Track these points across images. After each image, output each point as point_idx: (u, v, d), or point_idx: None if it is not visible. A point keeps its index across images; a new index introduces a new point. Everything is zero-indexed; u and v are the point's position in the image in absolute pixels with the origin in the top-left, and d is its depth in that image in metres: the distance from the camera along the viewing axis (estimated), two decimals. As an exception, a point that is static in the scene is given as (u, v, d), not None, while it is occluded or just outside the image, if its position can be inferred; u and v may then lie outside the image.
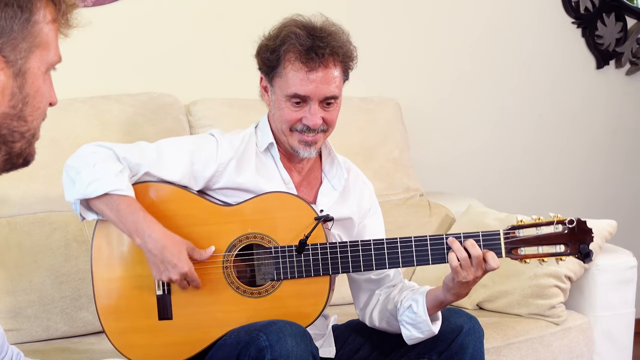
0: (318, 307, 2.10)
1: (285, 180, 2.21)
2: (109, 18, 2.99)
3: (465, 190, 3.57)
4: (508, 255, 2.08)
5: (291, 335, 1.94)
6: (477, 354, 2.15)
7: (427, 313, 2.11)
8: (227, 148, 2.19)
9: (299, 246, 2.08)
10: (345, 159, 2.33)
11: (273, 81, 2.17)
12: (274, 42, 2.14)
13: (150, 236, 2.02)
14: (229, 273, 2.11)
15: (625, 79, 4.01)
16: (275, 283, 2.11)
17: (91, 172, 2.04)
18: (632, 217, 4.02)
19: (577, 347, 2.79)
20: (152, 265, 2.05)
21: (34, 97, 1.22)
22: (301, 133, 2.15)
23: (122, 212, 2.03)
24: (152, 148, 2.17)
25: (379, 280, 2.25)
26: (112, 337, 2.13)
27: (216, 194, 2.20)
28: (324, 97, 2.13)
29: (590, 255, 2.05)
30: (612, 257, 2.88)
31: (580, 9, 3.86)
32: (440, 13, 3.60)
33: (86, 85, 2.88)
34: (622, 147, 4.03)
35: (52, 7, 1.21)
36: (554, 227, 2.06)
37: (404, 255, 2.09)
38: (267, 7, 3.24)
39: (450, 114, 3.66)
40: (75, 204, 2.08)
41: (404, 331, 2.15)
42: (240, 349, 1.99)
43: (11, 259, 2.53)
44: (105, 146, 2.11)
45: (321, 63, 2.11)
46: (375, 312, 2.23)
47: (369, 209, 2.31)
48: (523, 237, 2.07)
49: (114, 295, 2.13)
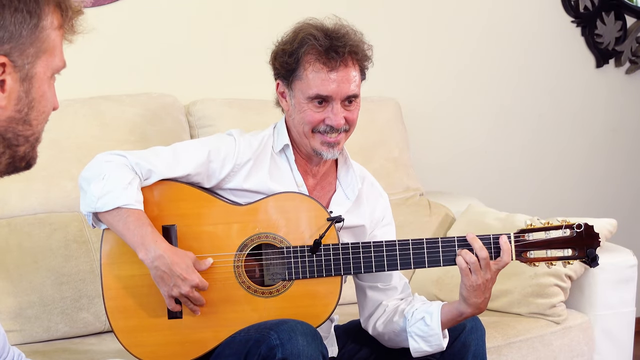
0: (329, 308, 2.11)
1: (298, 182, 2.21)
2: (109, 18, 2.98)
3: (465, 189, 3.57)
4: (518, 258, 2.11)
5: (302, 335, 1.94)
6: (479, 352, 2.16)
7: (440, 326, 2.11)
8: (245, 149, 2.18)
9: (314, 246, 2.08)
10: (361, 168, 2.33)
11: (292, 85, 2.16)
12: (292, 46, 2.14)
13: (156, 252, 2.01)
14: (240, 273, 2.11)
15: (625, 78, 4.01)
16: (286, 283, 2.11)
17: (100, 185, 2.04)
18: (632, 216, 4.02)
19: (578, 346, 2.79)
20: (159, 280, 2.04)
21: (40, 101, 1.24)
22: (323, 134, 2.15)
23: (130, 225, 2.03)
24: (167, 150, 2.17)
25: (385, 291, 2.24)
26: (121, 335, 2.12)
27: (226, 194, 2.20)
28: (345, 96, 2.14)
29: (597, 260, 2.11)
30: (612, 256, 2.88)
31: (580, 8, 3.86)
32: (440, 12, 3.60)
33: (86, 86, 2.88)
34: (622, 146, 4.03)
35: (59, 13, 1.22)
36: (562, 231, 2.11)
37: (416, 256, 2.11)
38: (267, 7, 3.25)
39: (450, 113, 3.66)
40: (88, 216, 2.09)
41: (412, 343, 2.14)
42: (250, 346, 1.99)
43: (11, 260, 2.53)
44: (118, 154, 2.11)
45: (341, 62, 2.12)
46: (379, 322, 2.22)
47: (381, 219, 2.30)
48: (532, 241, 2.11)
49: (123, 294, 2.12)
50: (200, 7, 3.16)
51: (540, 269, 2.75)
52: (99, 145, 2.70)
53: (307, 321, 2.02)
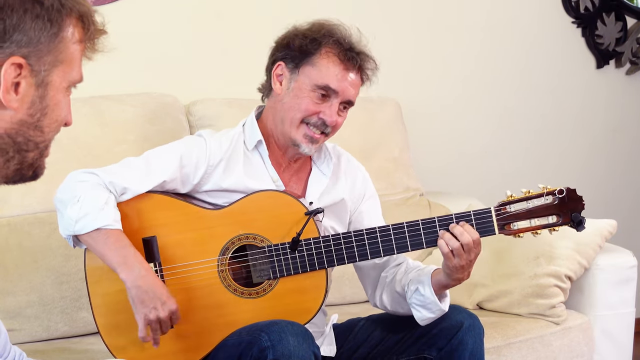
0: (317, 302, 2.11)
1: (274, 178, 2.22)
2: (109, 18, 2.97)
3: (465, 190, 3.57)
4: (501, 232, 2.10)
5: (293, 335, 1.94)
6: (477, 350, 2.16)
7: (434, 294, 2.13)
8: (216, 149, 2.19)
9: (292, 244, 2.08)
10: (334, 145, 2.34)
11: (301, 68, 2.17)
12: (317, 33, 2.17)
13: (140, 272, 2.00)
14: (224, 276, 2.11)
15: (626, 79, 4.01)
16: (272, 282, 2.11)
17: (76, 207, 2.04)
18: (632, 216, 4.02)
19: (577, 346, 2.79)
20: (138, 302, 2.00)
21: (53, 109, 1.26)
22: (309, 127, 2.16)
23: (110, 246, 2.02)
24: (139, 161, 2.16)
25: (383, 263, 2.27)
26: (117, 353, 2.12)
27: (204, 197, 2.19)
28: (347, 99, 2.18)
29: (583, 223, 2.08)
30: (612, 257, 2.88)
31: (580, 8, 3.86)
32: (440, 13, 3.60)
33: (86, 85, 2.87)
34: (622, 146, 4.03)
35: (80, 27, 1.26)
36: (544, 198, 2.09)
37: (398, 241, 2.10)
38: (268, 7, 3.25)
39: (451, 113, 3.66)
40: (68, 238, 2.09)
41: (416, 313, 2.17)
42: (242, 349, 1.99)
43: (11, 259, 2.53)
44: (91, 172, 2.10)
45: (356, 67, 2.18)
46: (384, 296, 2.25)
47: (363, 193, 2.31)
48: (514, 212, 2.09)
49: (113, 310, 2.11)
50: (201, 7, 3.16)
51: (540, 269, 2.75)
52: (99, 145, 2.70)
53: (298, 317, 2.03)
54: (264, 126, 2.23)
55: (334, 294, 2.35)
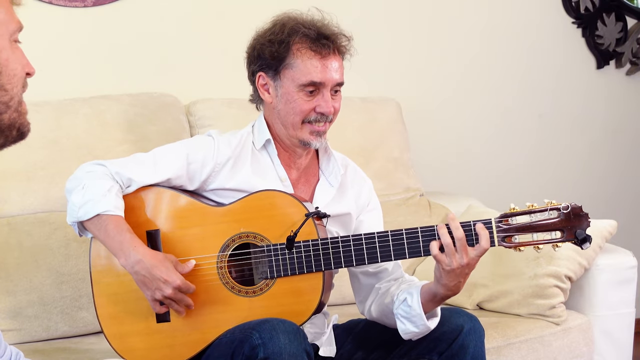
0: (312, 304, 2.10)
1: (282, 177, 2.22)
2: (109, 18, 2.98)
3: (465, 190, 3.57)
4: (501, 244, 2.03)
5: (284, 333, 1.94)
6: (478, 353, 2.15)
7: (421, 307, 2.09)
8: (224, 148, 2.20)
9: (288, 243, 2.07)
10: (343, 157, 2.34)
11: (281, 74, 2.17)
12: (280, 35, 2.16)
13: (135, 257, 2.03)
14: (223, 273, 2.12)
15: (626, 79, 4.01)
16: (269, 281, 2.11)
17: (80, 194, 2.09)
18: (632, 217, 4.02)
19: (577, 347, 2.79)
20: (142, 285, 2.06)
21: (6, 65, 1.26)
22: (312, 124, 2.16)
23: (109, 232, 2.06)
24: (147, 156, 2.20)
25: (377, 274, 2.25)
26: (113, 341, 2.15)
27: (210, 195, 2.21)
28: (336, 84, 2.17)
29: (588, 240, 2.01)
30: (612, 257, 2.88)
31: (581, 9, 3.86)
32: (440, 13, 3.60)
33: (86, 85, 2.88)
34: (622, 147, 4.03)
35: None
36: (548, 213, 2.03)
37: (396, 248, 2.08)
38: (268, 7, 3.24)
39: (451, 113, 3.66)
40: (74, 225, 2.13)
41: (399, 325, 2.13)
42: (235, 347, 1.99)
43: (11, 259, 2.53)
44: (99, 164, 2.15)
45: (331, 51, 2.16)
46: (373, 306, 2.23)
47: (367, 204, 2.31)
48: (516, 225, 2.03)
49: (113, 300, 2.15)
50: (201, 7, 3.16)
51: (540, 270, 2.75)
52: (99, 145, 2.70)
53: (292, 318, 2.02)
54: (270, 128, 2.24)
55: (334, 294, 2.34)
